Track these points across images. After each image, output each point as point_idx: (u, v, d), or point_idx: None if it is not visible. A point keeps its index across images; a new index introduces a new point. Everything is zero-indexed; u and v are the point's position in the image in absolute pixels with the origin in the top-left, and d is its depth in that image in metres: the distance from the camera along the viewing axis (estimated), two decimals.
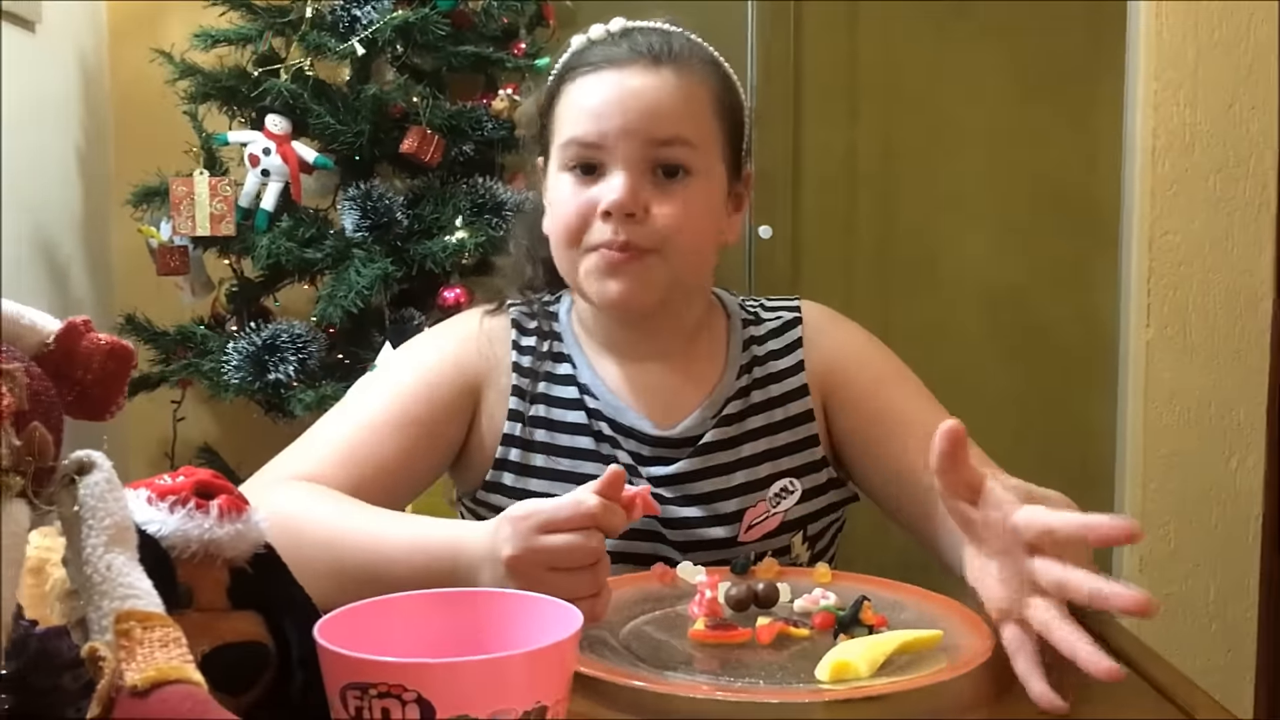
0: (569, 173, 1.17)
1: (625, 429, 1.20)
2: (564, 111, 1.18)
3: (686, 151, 1.15)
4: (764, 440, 1.22)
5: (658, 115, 1.14)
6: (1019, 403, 2.86)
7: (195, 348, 2.35)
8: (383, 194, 2.28)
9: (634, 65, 1.16)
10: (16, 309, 0.66)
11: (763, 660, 0.89)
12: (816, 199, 2.85)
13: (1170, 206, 2.79)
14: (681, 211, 1.14)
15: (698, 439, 1.21)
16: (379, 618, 0.76)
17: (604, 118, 1.14)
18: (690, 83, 1.17)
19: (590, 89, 1.16)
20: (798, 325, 1.27)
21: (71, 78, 2.63)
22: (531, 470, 1.21)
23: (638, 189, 1.13)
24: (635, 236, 1.13)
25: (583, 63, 1.18)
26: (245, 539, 0.77)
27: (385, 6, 2.27)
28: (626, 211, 1.12)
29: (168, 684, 0.58)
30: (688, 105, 1.16)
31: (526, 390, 1.22)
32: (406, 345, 1.29)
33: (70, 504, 0.63)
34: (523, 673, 0.66)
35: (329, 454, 1.14)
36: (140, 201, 2.37)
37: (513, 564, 0.89)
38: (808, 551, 1.24)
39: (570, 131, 1.16)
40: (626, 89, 1.15)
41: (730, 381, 1.23)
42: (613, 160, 1.14)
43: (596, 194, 1.14)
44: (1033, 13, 2.81)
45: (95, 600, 0.61)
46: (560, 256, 1.19)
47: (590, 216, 1.15)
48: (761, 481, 1.21)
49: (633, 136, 1.13)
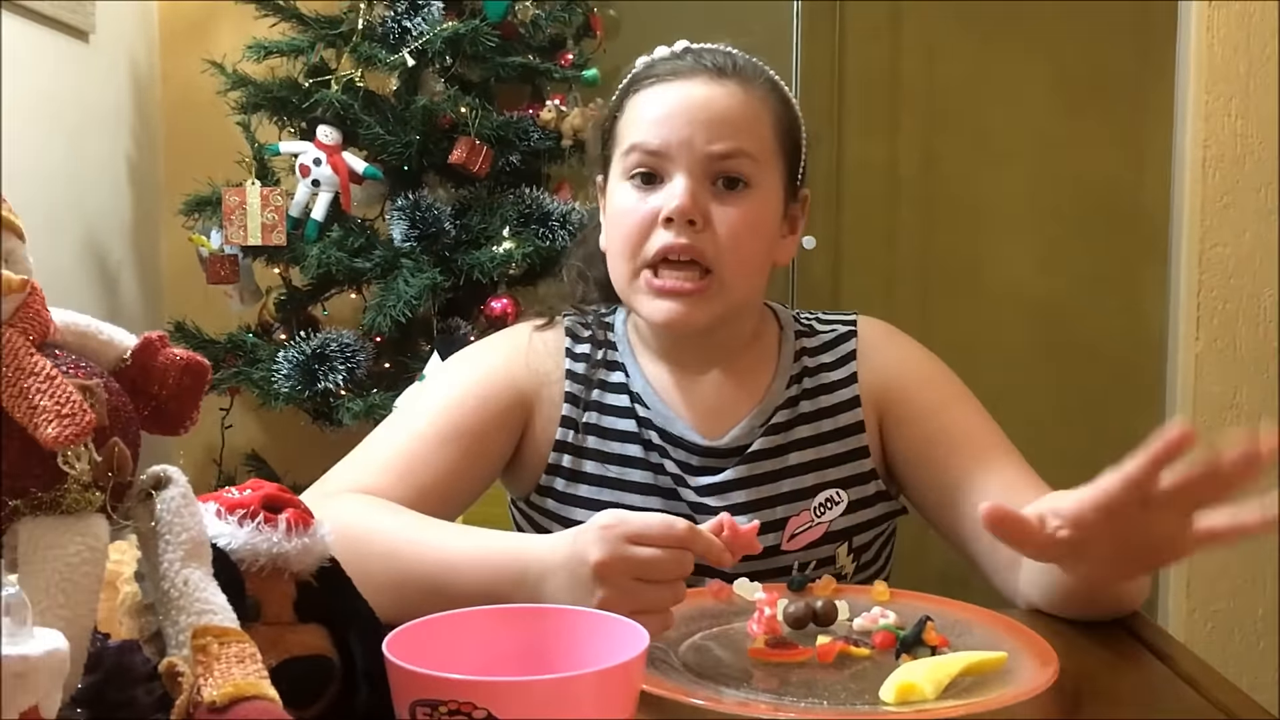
0: (629, 181, 1.18)
1: (674, 438, 1.21)
2: (628, 121, 1.20)
3: (747, 164, 1.16)
4: (811, 450, 1.22)
5: (721, 126, 1.15)
6: (1064, 416, 2.83)
7: (245, 356, 2.37)
8: (431, 204, 2.30)
9: (699, 77, 1.17)
10: (94, 324, 0.67)
11: (824, 680, 0.88)
12: (859, 209, 2.84)
13: (1221, 219, 2.76)
14: (740, 222, 1.15)
15: (745, 448, 1.21)
16: (444, 633, 0.76)
17: (668, 125, 1.15)
18: (753, 99, 1.18)
19: (655, 98, 1.18)
20: (852, 339, 1.27)
21: (123, 87, 2.66)
22: (582, 476, 1.22)
23: (699, 196, 1.14)
24: (696, 243, 1.14)
25: (648, 75, 1.20)
26: (312, 553, 0.77)
27: (435, 18, 2.28)
28: (688, 218, 1.13)
29: (245, 700, 0.58)
30: (750, 119, 1.17)
31: (580, 397, 1.23)
32: (457, 357, 1.29)
33: (147, 519, 0.64)
34: (592, 692, 0.66)
35: (385, 466, 1.15)
36: (191, 211, 2.40)
37: (601, 569, 0.89)
38: (853, 563, 1.23)
39: (633, 138, 1.17)
40: (691, 98, 1.16)
41: (780, 391, 1.24)
42: (675, 168, 1.15)
43: (658, 202, 1.15)
44: (1079, 23, 2.79)
45: (172, 615, 0.62)
46: (617, 267, 1.20)
47: (651, 225, 1.15)
48: (807, 491, 1.21)
49: (695, 145, 1.15)
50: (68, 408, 0.58)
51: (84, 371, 0.63)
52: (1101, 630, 1.02)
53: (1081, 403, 2.86)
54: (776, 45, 2.71)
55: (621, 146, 1.19)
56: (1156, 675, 0.94)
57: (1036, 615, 1.05)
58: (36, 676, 0.50)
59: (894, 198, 2.86)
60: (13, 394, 0.59)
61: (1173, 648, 0.99)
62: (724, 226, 1.15)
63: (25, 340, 0.61)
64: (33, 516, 0.60)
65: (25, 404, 0.58)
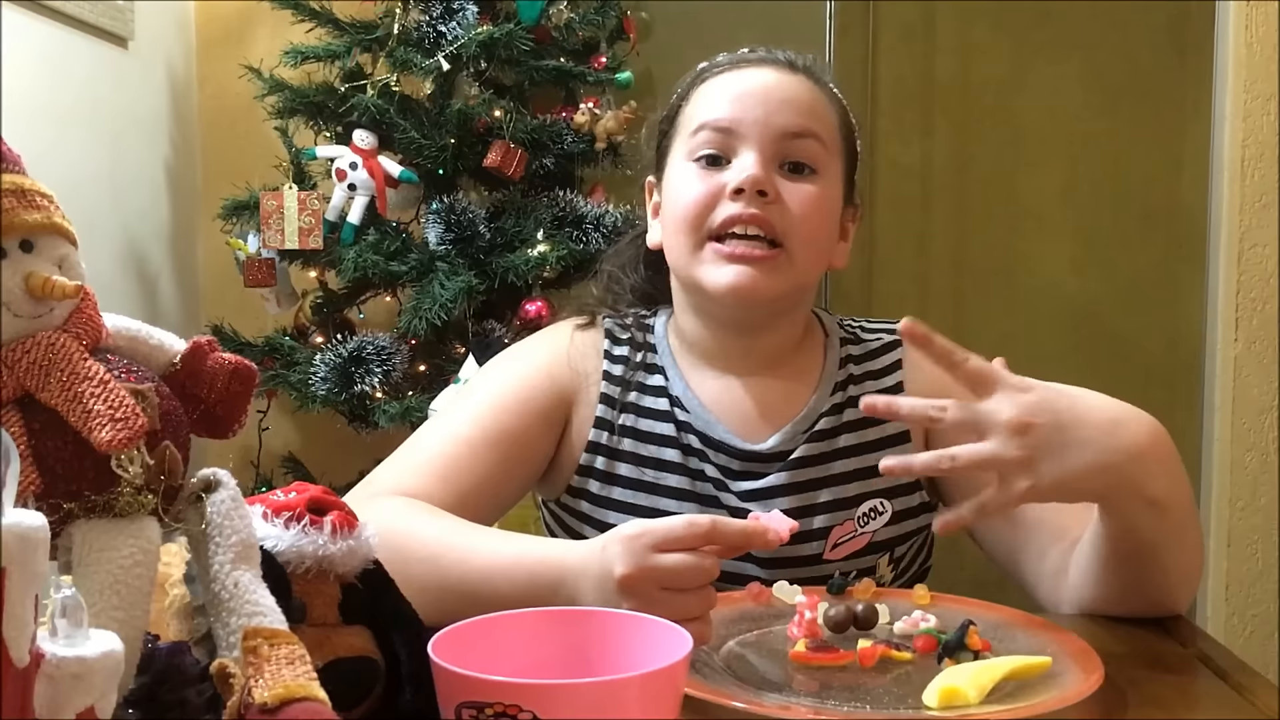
0: (694, 163, 1.18)
1: (715, 443, 1.20)
2: (695, 106, 1.20)
3: (817, 147, 1.17)
4: (855, 459, 1.21)
5: (794, 107, 1.16)
6: None
7: (282, 359, 2.39)
8: (465, 208, 2.31)
9: (770, 66, 1.20)
10: (144, 328, 0.68)
11: (866, 684, 0.88)
12: (892, 211, 2.83)
13: (1260, 219, 2.73)
14: (810, 200, 1.15)
15: (788, 454, 1.20)
16: (488, 635, 0.76)
17: (740, 104, 1.16)
18: (820, 92, 1.21)
19: (726, 82, 1.19)
20: (898, 348, 1.26)
21: (161, 93, 2.69)
22: (616, 479, 1.21)
23: (769, 170, 1.15)
24: (768, 213, 1.14)
25: (716, 66, 1.22)
26: (356, 555, 0.78)
27: (469, 22, 2.29)
28: (760, 188, 1.13)
29: (295, 701, 0.59)
30: (820, 108, 1.19)
31: (616, 399, 1.22)
32: (499, 357, 1.29)
33: (198, 521, 0.65)
34: (637, 694, 0.67)
35: (427, 469, 1.15)
36: (229, 215, 2.42)
37: (625, 582, 0.89)
38: (892, 572, 1.22)
39: (704, 116, 1.18)
40: (764, 80, 1.18)
41: (824, 397, 1.23)
42: (744, 145, 1.15)
43: (725, 178, 1.15)
44: (1115, 22, 2.77)
45: (223, 617, 0.63)
46: (677, 245, 1.18)
47: (717, 199, 1.15)
48: (850, 500, 1.20)
49: (769, 122, 1.15)
50: (121, 412, 0.59)
51: (136, 376, 0.63)
52: (1144, 634, 1.02)
53: None
54: (809, 46, 2.64)
55: (688, 128, 1.19)
56: (1200, 679, 0.93)
57: (1077, 619, 1.05)
58: (93, 678, 0.50)
59: (928, 199, 2.85)
60: (67, 398, 0.59)
61: (1215, 650, 0.98)
62: (794, 202, 1.15)
63: (79, 345, 0.62)
64: (86, 519, 0.61)
65: (80, 408, 0.59)
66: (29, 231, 0.62)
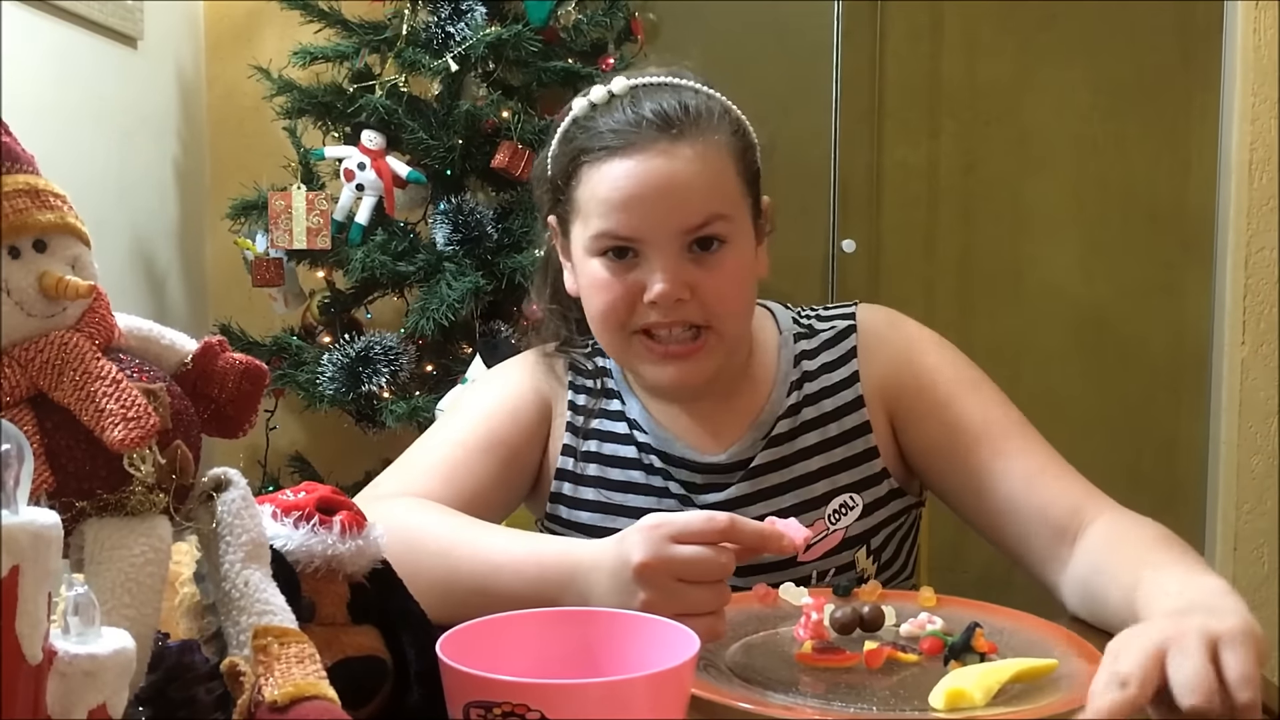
0: (601, 258, 1.13)
1: (676, 459, 1.20)
2: (587, 199, 1.13)
3: (722, 224, 1.12)
4: (818, 458, 1.20)
5: (689, 201, 1.10)
6: (1106, 421, 2.81)
7: (289, 358, 2.39)
8: (473, 208, 2.31)
9: (652, 146, 1.10)
10: (156, 328, 0.68)
11: (872, 685, 0.88)
12: (899, 212, 2.83)
13: (1266, 222, 2.73)
14: (725, 281, 1.13)
15: (749, 461, 1.19)
16: (495, 634, 0.77)
17: (636, 212, 1.10)
18: (711, 154, 1.12)
19: (613, 179, 1.11)
20: (852, 334, 1.24)
21: (170, 93, 2.70)
22: (582, 504, 1.22)
23: (679, 273, 1.11)
24: (686, 315, 1.12)
25: (596, 144, 1.12)
26: (365, 554, 0.78)
27: (478, 23, 2.30)
28: (674, 299, 1.11)
29: (305, 699, 0.59)
30: (714, 180, 1.12)
31: (579, 427, 1.23)
32: (479, 381, 1.31)
33: (209, 520, 0.65)
34: (644, 695, 0.67)
35: (431, 471, 1.16)
36: (237, 215, 2.42)
37: (642, 571, 0.89)
38: (873, 565, 1.21)
39: (601, 225, 1.12)
40: (652, 178, 1.10)
41: (779, 400, 1.22)
42: (649, 249, 1.11)
43: (636, 279, 1.12)
44: (1122, 24, 2.78)
45: (233, 615, 0.63)
46: (606, 340, 1.18)
47: (634, 299, 1.12)
48: (818, 500, 1.19)
49: (668, 225, 1.10)
50: (133, 411, 0.59)
51: (148, 375, 0.64)
52: None
53: (1125, 408, 2.83)
54: (817, 47, 2.70)
55: (588, 228, 1.13)
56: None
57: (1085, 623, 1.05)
58: (105, 675, 0.51)
59: (934, 200, 2.85)
60: (80, 397, 0.60)
61: None
62: (710, 292, 1.12)
63: (92, 345, 0.62)
64: (99, 518, 0.61)
65: (92, 407, 0.59)
66: (43, 231, 0.62)
